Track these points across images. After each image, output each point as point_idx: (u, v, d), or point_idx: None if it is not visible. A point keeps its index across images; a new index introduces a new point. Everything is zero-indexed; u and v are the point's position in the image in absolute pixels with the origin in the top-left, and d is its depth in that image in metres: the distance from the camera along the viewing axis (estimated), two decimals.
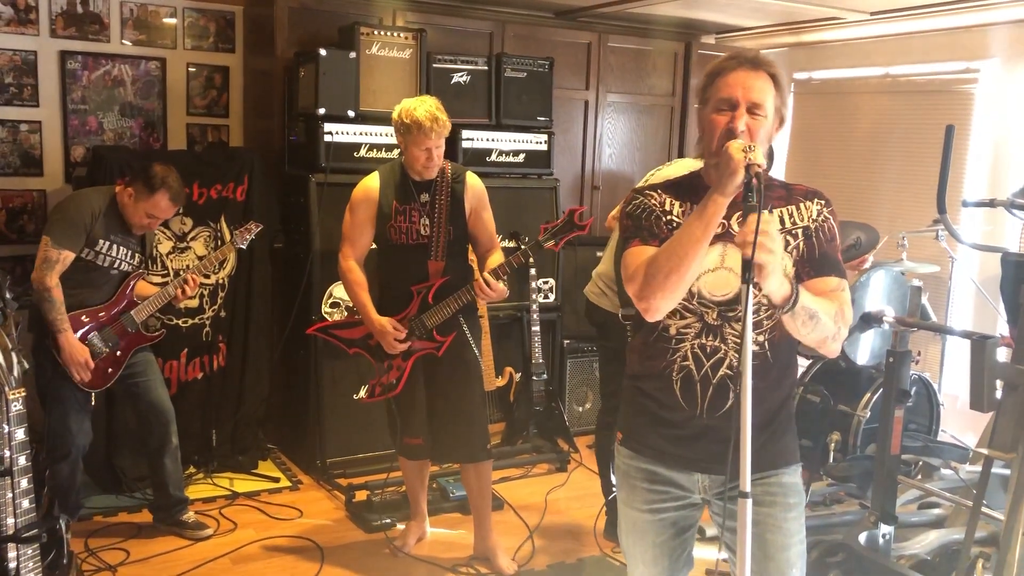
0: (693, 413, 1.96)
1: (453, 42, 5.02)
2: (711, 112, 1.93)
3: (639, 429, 2.07)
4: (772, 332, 1.97)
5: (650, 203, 2.01)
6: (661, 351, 1.99)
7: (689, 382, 1.96)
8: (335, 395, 4.47)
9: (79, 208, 3.46)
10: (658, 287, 1.84)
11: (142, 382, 3.66)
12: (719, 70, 1.94)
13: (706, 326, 1.95)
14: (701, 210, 1.82)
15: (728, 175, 1.78)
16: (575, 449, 4.94)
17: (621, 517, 2.14)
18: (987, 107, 4.97)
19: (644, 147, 5.84)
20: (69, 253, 3.41)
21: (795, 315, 1.81)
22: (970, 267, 4.94)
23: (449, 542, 3.87)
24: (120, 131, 4.72)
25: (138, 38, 4.70)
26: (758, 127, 1.90)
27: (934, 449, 3.89)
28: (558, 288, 5.11)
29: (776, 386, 2.01)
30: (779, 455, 2.02)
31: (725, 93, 1.90)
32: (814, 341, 1.89)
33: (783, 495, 2.00)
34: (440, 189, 3.40)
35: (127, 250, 3.59)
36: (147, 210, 3.49)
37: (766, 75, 1.92)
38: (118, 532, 3.82)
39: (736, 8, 5.16)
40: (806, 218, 1.99)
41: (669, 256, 1.83)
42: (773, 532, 1.97)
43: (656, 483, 2.04)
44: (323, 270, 4.37)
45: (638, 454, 2.06)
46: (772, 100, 1.92)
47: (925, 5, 4.77)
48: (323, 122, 4.31)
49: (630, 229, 2.00)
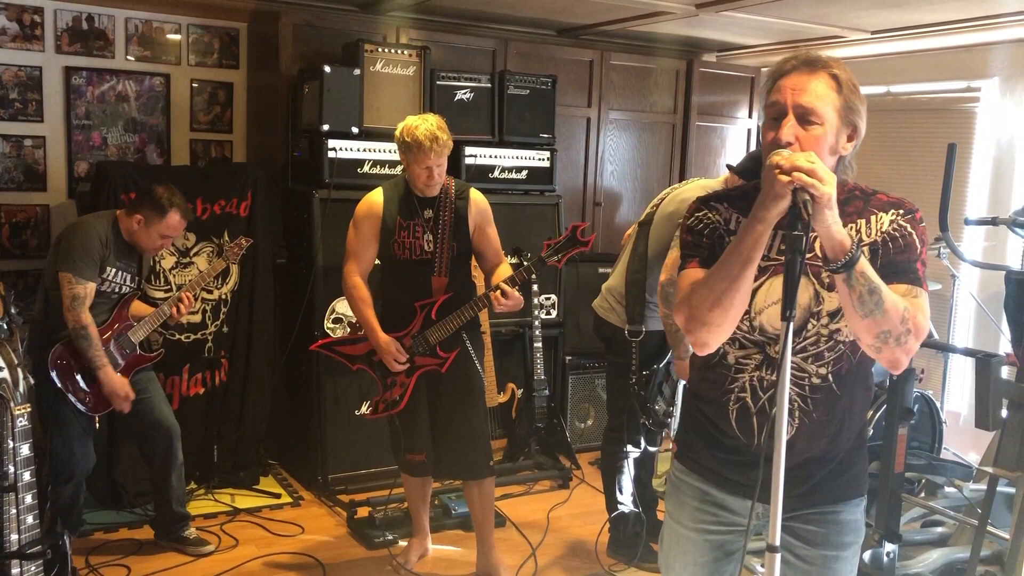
0: (750, 443, 1.84)
1: (456, 59, 5.05)
2: (766, 127, 1.73)
3: (695, 447, 1.96)
4: (837, 364, 1.81)
5: (715, 219, 1.83)
6: (720, 377, 1.87)
7: (745, 414, 1.83)
8: (337, 411, 4.46)
9: (90, 238, 3.47)
10: (702, 321, 1.71)
11: (145, 399, 3.65)
12: (776, 73, 1.74)
13: (767, 359, 1.81)
14: (739, 241, 1.65)
15: (771, 199, 1.57)
16: (577, 466, 4.93)
17: (665, 528, 2.05)
18: (988, 126, 5.00)
19: (646, 164, 5.86)
20: (92, 285, 3.44)
21: (852, 282, 1.60)
22: (971, 284, 4.95)
23: (451, 559, 3.86)
24: (124, 146, 4.73)
25: (142, 54, 4.72)
26: (812, 139, 1.67)
27: (937, 467, 3.88)
28: (560, 304, 5.11)
29: (847, 416, 1.84)
30: (841, 488, 1.88)
31: (774, 98, 1.70)
32: (874, 335, 1.65)
33: (838, 534, 1.87)
34: (444, 205, 3.41)
35: (128, 275, 3.62)
36: (161, 232, 3.52)
37: (826, 76, 1.69)
38: (119, 548, 3.80)
39: (738, 26, 5.18)
40: (875, 231, 1.77)
41: (711, 289, 1.69)
42: (821, 571, 1.87)
43: (706, 503, 1.94)
44: (326, 286, 4.37)
45: (692, 471, 1.96)
46: (832, 106, 1.69)
47: (926, 25, 4.80)
48: (327, 138, 4.32)
49: (689, 246, 1.84)
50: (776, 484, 1.59)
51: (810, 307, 1.77)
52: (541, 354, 4.78)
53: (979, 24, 4.63)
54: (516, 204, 4.91)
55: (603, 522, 3.95)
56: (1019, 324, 2.78)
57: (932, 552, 3.63)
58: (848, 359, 1.80)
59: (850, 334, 1.77)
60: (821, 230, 1.58)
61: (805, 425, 1.82)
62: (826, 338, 1.79)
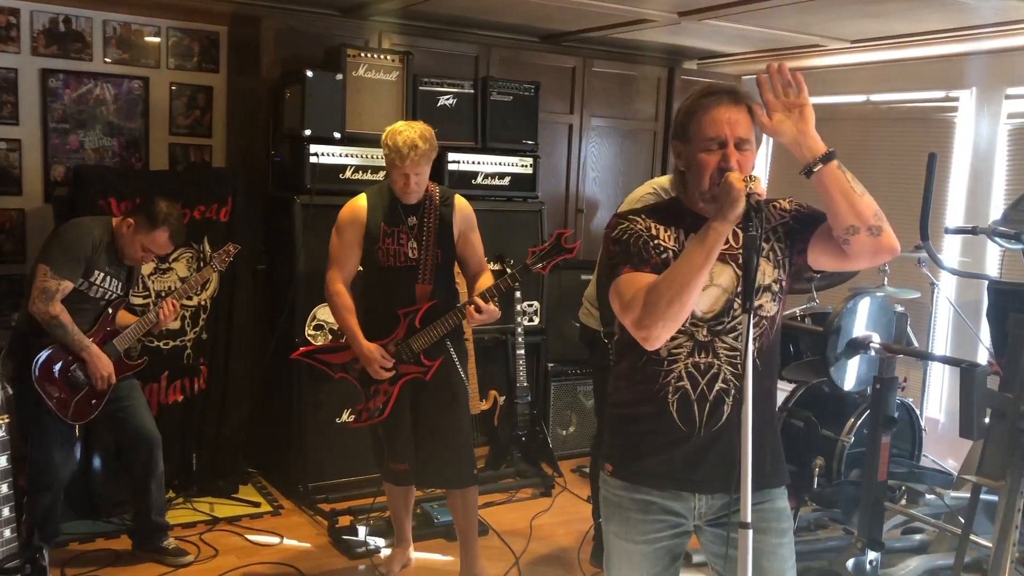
0: (691, 433, 1.95)
1: (439, 65, 5.03)
2: (698, 151, 1.93)
3: (630, 458, 2.03)
4: (760, 340, 1.97)
5: (636, 228, 1.99)
6: (653, 374, 1.97)
7: (686, 402, 1.95)
8: (318, 418, 4.42)
9: (80, 237, 3.41)
10: (659, 316, 1.83)
11: (126, 407, 3.60)
12: (699, 107, 1.94)
13: (697, 344, 1.95)
14: (702, 238, 1.83)
15: (729, 204, 1.79)
16: (559, 473, 4.91)
17: (612, 551, 2.08)
18: (966, 135, 5.05)
19: (627, 171, 5.87)
20: (68, 283, 3.36)
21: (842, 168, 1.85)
22: (949, 293, 4.99)
23: (434, 568, 3.83)
24: (101, 150, 4.67)
25: (121, 57, 4.66)
26: (747, 161, 1.92)
27: (919, 475, 3.91)
28: (543, 311, 5.10)
29: (767, 396, 2.02)
30: (772, 475, 2.02)
31: (712, 132, 1.91)
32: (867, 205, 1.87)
33: (776, 520, 2.00)
34: (428, 212, 3.39)
35: (117, 282, 3.55)
36: (144, 243, 3.46)
37: (746, 108, 1.93)
38: (96, 559, 3.74)
39: (719, 35, 5.21)
40: (774, 219, 2.02)
41: (670, 284, 1.83)
42: (769, 559, 1.96)
43: (651, 512, 2.01)
44: (306, 292, 4.33)
45: (632, 483, 2.02)
46: (753, 131, 1.94)
47: (905, 35, 4.84)
48: (309, 143, 4.28)
49: (618, 255, 1.97)
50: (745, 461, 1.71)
51: (733, 288, 1.95)
52: (524, 361, 4.76)
53: (957, 35, 4.68)
54: (499, 211, 4.90)
55: (586, 530, 3.94)
56: (1001, 333, 2.80)
57: (912, 560, 3.65)
58: (767, 334, 1.99)
59: (772, 309, 1.98)
60: (806, 139, 1.86)
61: (737, 402, 1.93)
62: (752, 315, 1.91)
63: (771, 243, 2.00)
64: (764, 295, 1.97)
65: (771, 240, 2.00)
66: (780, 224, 2.02)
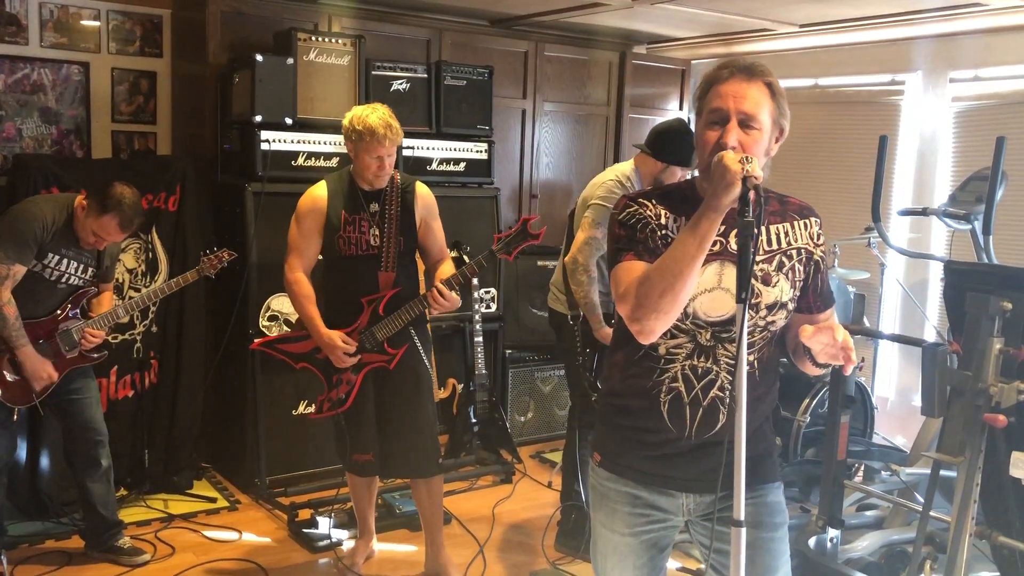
0: (680, 435, 1.87)
1: (390, 49, 4.95)
2: (703, 127, 1.81)
3: (619, 450, 1.97)
4: (762, 351, 1.90)
5: (646, 213, 1.86)
6: (648, 370, 1.88)
7: (678, 404, 1.86)
8: (273, 411, 4.34)
9: (28, 219, 3.25)
10: (652, 308, 1.73)
11: (77, 400, 3.47)
12: (712, 79, 1.82)
13: (699, 347, 1.84)
14: (694, 226, 1.71)
15: (723, 187, 1.66)
16: (519, 460, 4.91)
17: (598, 539, 2.05)
18: (912, 118, 5.15)
19: (580, 156, 5.87)
20: (20, 267, 3.22)
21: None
22: (898, 273, 5.10)
23: (398, 559, 3.79)
24: (40, 138, 4.49)
25: (59, 41, 4.49)
26: (752, 142, 1.77)
27: (875, 452, 3.98)
28: (500, 298, 5.07)
29: (762, 402, 1.94)
30: (766, 472, 1.96)
31: (715, 104, 1.78)
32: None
33: (769, 515, 1.94)
34: (390, 199, 3.33)
35: (79, 264, 3.39)
36: (94, 228, 3.30)
37: (762, 84, 1.79)
38: (47, 560, 3.61)
39: (669, 19, 5.22)
40: (801, 239, 1.91)
41: (662, 275, 1.72)
42: (762, 554, 1.91)
43: (638, 506, 1.96)
44: (260, 283, 4.24)
45: (619, 476, 1.96)
46: (768, 112, 1.79)
47: (852, 19, 4.91)
48: (260, 130, 4.18)
49: (623, 240, 1.86)
50: (739, 457, 1.64)
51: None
52: (482, 348, 4.73)
53: (903, 19, 4.76)
54: (454, 197, 4.85)
55: (549, 516, 3.94)
56: (958, 313, 2.85)
57: (869, 535, 3.73)
58: (769, 347, 1.92)
59: (781, 325, 1.90)
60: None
61: (733, 412, 1.86)
62: (761, 328, 1.87)
63: (792, 261, 1.89)
64: (779, 311, 1.88)
65: (793, 259, 1.89)
66: (806, 249, 1.91)
